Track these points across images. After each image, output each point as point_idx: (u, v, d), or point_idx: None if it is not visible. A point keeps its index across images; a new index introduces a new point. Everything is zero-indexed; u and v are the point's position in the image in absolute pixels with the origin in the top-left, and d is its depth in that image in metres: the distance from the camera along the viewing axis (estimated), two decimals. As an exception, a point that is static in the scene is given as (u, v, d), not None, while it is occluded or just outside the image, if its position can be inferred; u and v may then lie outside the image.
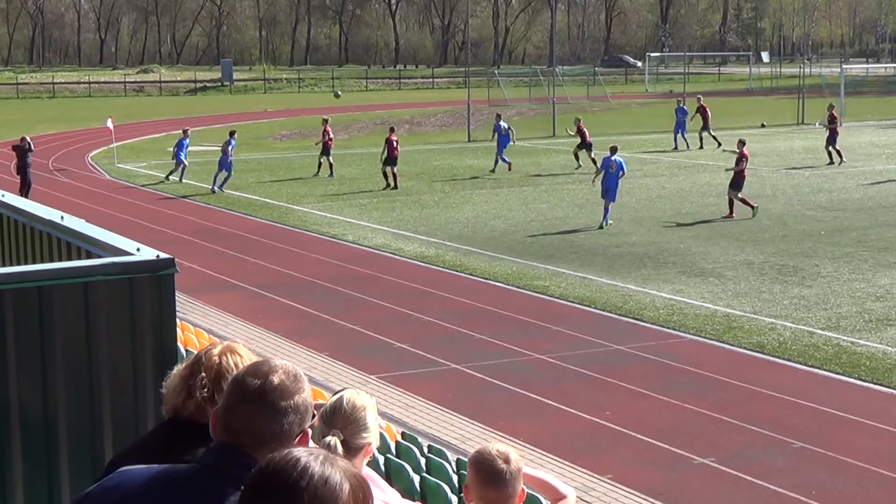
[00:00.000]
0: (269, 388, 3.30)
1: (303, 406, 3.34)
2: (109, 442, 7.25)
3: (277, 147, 53.05)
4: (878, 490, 12.59)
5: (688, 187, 36.35)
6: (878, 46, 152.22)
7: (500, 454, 4.94)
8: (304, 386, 3.37)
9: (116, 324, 7.42)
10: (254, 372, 3.36)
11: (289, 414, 3.30)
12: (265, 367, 3.37)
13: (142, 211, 32.71)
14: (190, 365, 4.12)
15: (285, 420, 3.29)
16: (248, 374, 3.36)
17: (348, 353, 17.84)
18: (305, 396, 3.36)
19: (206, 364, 4.04)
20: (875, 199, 32.43)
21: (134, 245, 7.93)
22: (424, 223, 29.91)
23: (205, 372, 4.00)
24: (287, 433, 3.30)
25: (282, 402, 3.30)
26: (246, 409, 3.30)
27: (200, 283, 22.44)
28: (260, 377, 3.33)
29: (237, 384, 3.35)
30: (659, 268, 23.84)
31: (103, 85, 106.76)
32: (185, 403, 4.05)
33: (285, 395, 3.31)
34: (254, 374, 3.34)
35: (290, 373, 3.36)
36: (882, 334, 18.52)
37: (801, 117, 60.76)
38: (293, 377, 3.35)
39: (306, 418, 3.35)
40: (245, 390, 3.32)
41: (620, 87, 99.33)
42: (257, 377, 3.33)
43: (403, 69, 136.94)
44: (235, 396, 3.33)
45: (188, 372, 4.09)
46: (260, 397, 3.29)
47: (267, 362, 3.44)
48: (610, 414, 14.91)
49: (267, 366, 3.38)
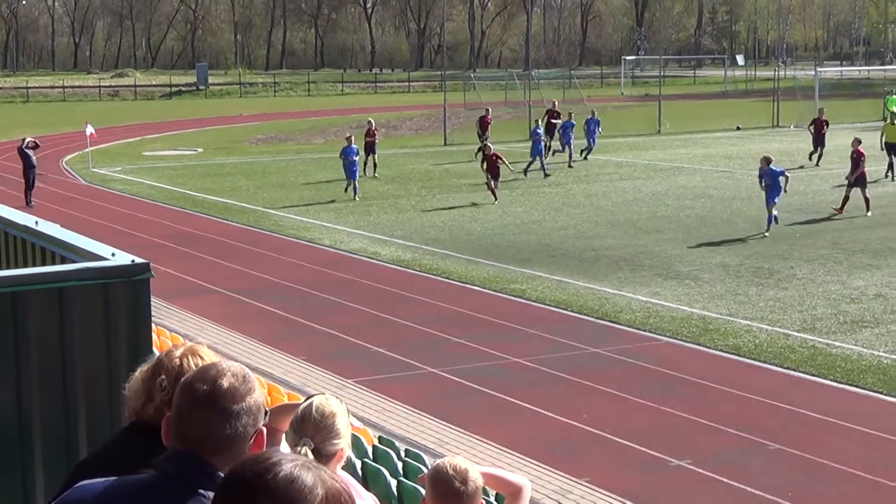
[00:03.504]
0: (220, 393, 3.25)
1: (255, 407, 3.30)
2: (84, 448, 7.21)
3: (253, 151, 52.94)
4: (855, 492, 12.63)
5: (664, 190, 36.42)
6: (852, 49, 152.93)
7: (457, 474, 4.88)
8: (254, 386, 3.34)
9: (91, 329, 7.38)
10: (202, 377, 3.31)
11: (241, 416, 3.26)
12: (213, 372, 3.32)
13: (117, 215, 32.58)
14: (151, 367, 4.02)
15: (238, 423, 3.26)
16: (196, 380, 3.31)
17: (325, 357, 17.81)
18: (256, 397, 3.32)
19: (166, 366, 3.93)
20: (850, 202, 32.54)
21: (109, 250, 7.90)
22: (401, 227, 29.90)
23: (165, 374, 3.89)
24: (242, 435, 3.26)
25: (233, 406, 3.25)
26: (198, 416, 3.25)
27: (176, 287, 22.35)
28: (208, 382, 3.28)
29: (186, 391, 3.30)
30: (635, 270, 23.88)
31: (78, 89, 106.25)
32: (146, 407, 3.96)
33: (236, 398, 3.27)
34: (202, 380, 3.30)
35: (239, 375, 3.32)
36: (857, 336, 18.59)
37: (776, 120, 60.98)
38: (242, 378, 3.31)
39: (259, 418, 3.32)
40: (195, 396, 3.27)
41: (596, 91, 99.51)
42: (206, 382, 3.28)
43: (379, 73, 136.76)
44: (186, 403, 3.28)
45: (149, 374, 4.00)
46: (211, 403, 3.25)
47: (214, 366, 3.39)
48: (586, 417, 14.92)
49: (215, 370, 3.33)
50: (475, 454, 13.14)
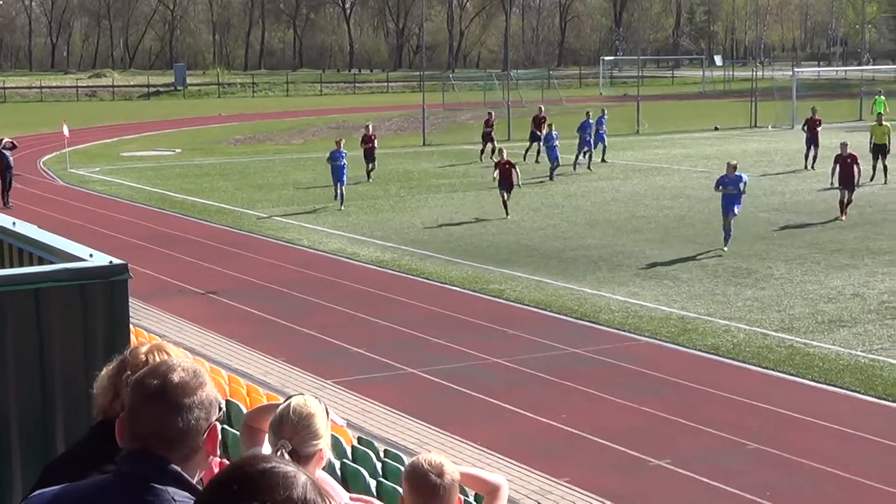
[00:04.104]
0: (171, 387, 3.25)
1: (206, 401, 3.30)
2: (62, 449, 7.18)
3: (232, 152, 52.81)
4: (833, 490, 12.68)
5: (642, 190, 36.49)
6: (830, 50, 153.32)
7: (433, 467, 4.88)
8: (205, 380, 3.33)
9: (69, 330, 7.34)
10: (153, 373, 3.31)
11: (193, 410, 3.26)
12: (163, 367, 3.33)
13: (94, 216, 32.47)
14: (117, 365, 4.02)
15: (190, 416, 3.26)
16: (147, 376, 3.31)
17: (304, 358, 17.79)
18: (208, 391, 3.32)
19: (132, 363, 3.93)
20: (827, 202, 32.64)
21: (87, 251, 7.86)
22: (380, 227, 29.87)
23: (131, 371, 3.87)
24: (194, 429, 3.26)
25: (184, 399, 3.25)
26: (150, 411, 3.25)
27: (154, 288, 22.29)
28: (159, 377, 3.28)
29: (137, 387, 3.30)
30: (614, 270, 23.91)
31: (55, 90, 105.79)
32: (113, 404, 3.95)
33: (187, 392, 3.26)
34: (153, 375, 3.30)
35: (190, 369, 3.32)
36: (834, 335, 18.66)
37: (754, 120, 61.15)
38: (193, 373, 3.31)
39: (212, 413, 3.32)
40: (146, 392, 3.27)
41: (575, 91, 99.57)
42: (156, 377, 3.29)
43: (358, 73, 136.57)
44: (137, 399, 3.28)
45: (115, 372, 4.00)
46: (162, 397, 3.25)
47: (165, 362, 3.40)
48: (566, 417, 14.93)
49: (165, 365, 3.34)
50: (455, 454, 13.13)
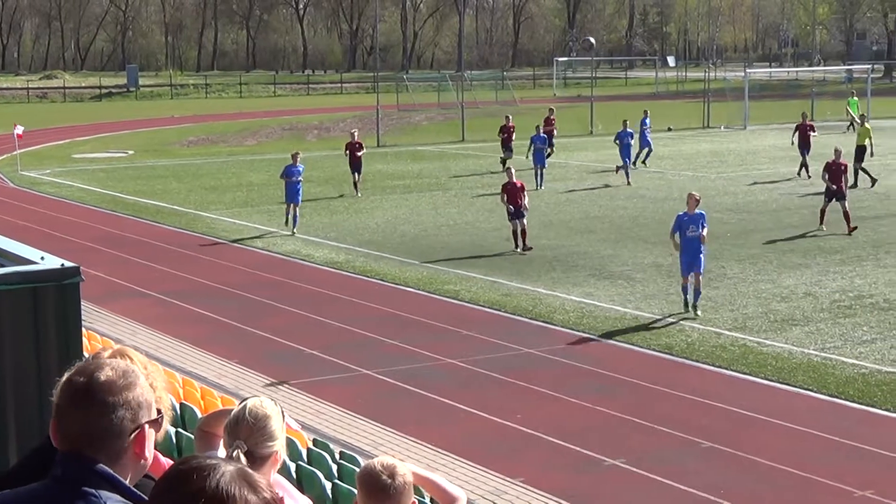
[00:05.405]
0: (96, 385, 3.22)
1: (134, 402, 3.27)
2: (14, 455, 7.10)
3: (185, 153, 52.55)
4: (787, 488, 12.76)
5: (596, 191, 36.62)
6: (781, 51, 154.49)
7: (385, 468, 4.88)
8: (135, 381, 3.30)
9: (21, 334, 7.28)
10: (81, 371, 3.29)
11: (118, 409, 3.22)
12: (92, 366, 3.30)
13: (46, 219, 32.21)
14: None
15: (115, 415, 3.22)
16: (75, 374, 3.28)
17: (258, 360, 17.72)
18: (138, 392, 3.28)
19: None
20: (779, 202, 32.91)
21: (38, 254, 7.80)
22: (334, 229, 29.82)
23: None
24: (118, 429, 3.23)
25: (110, 398, 3.22)
26: (76, 410, 3.22)
27: (107, 291, 22.14)
28: (86, 375, 3.25)
29: (66, 385, 3.27)
30: (568, 271, 23.98)
31: (5, 91, 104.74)
32: None
33: (113, 391, 3.23)
34: (81, 373, 3.27)
35: (119, 369, 3.29)
36: (787, 334, 18.79)
37: (707, 121, 61.53)
38: (122, 373, 3.28)
39: (140, 415, 3.28)
40: (73, 390, 3.24)
41: (529, 92, 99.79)
42: (84, 375, 3.26)
43: (312, 74, 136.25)
44: (64, 398, 3.26)
45: None
46: (87, 395, 3.22)
47: (95, 360, 3.38)
48: (521, 417, 14.96)
49: (94, 364, 3.31)
50: (410, 455, 13.12)
